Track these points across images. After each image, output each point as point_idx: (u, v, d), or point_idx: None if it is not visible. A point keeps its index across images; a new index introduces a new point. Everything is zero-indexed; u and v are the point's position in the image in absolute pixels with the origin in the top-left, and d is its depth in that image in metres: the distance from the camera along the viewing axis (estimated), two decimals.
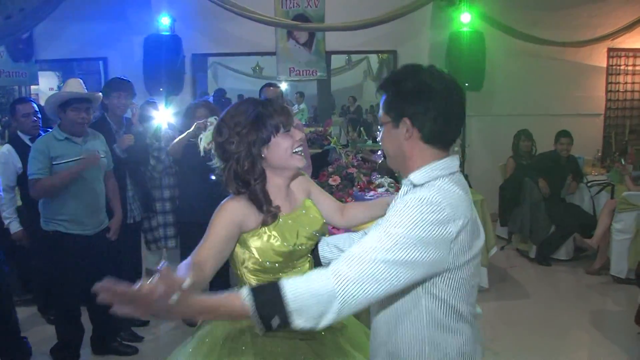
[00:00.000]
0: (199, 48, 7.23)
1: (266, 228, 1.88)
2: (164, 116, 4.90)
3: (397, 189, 3.23)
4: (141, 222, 4.43)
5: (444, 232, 1.44)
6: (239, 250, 1.91)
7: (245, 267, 1.91)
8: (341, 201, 3.97)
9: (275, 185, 1.95)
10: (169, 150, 4.46)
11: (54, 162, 3.58)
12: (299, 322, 1.39)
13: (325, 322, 1.39)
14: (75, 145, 3.68)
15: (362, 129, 8.05)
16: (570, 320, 4.68)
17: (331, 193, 4.36)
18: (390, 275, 1.40)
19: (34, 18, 4.84)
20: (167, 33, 6.68)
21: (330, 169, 4.12)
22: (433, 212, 1.44)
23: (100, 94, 3.99)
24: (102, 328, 4.04)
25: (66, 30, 6.92)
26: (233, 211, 1.89)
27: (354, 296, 1.38)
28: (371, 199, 3.01)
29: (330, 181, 4.12)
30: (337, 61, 8.56)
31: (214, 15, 6.88)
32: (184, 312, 1.40)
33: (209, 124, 4.19)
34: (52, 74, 8.73)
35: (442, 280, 1.53)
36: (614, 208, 5.54)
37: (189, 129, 4.36)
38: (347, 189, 3.99)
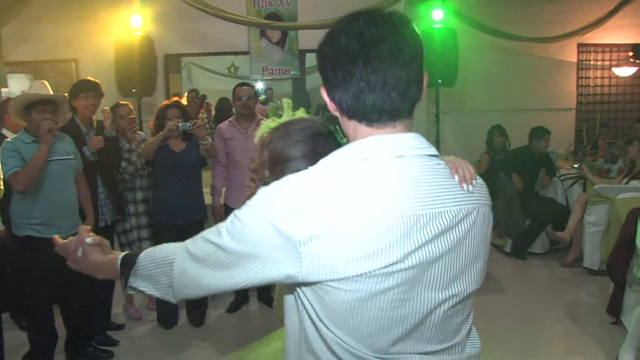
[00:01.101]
0: (171, 48, 7.17)
1: None
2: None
3: None
4: (113, 224, 4.38)
5: (283, 229, 1.11)
6: None
7: None
8: None
9: None
10: (140, 151, 4.42)
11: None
12: (146, 287, 1.36)
13: (176, 294, 1.30)
14: None
15: (337, 126, 8.04)
16: (546, 313, 4.73)
17: None
18: (220, 260, 1.20)
19: None
20: (139, 34, 6.61)
21: None
22: (278, 197, 1.15)
23: (66, 95, 3.94)
24: (77, 333, 3.99)
25: (36, 32, 6.82)
26: None
27: (188, 272, 1.25)
28: None
29: None
30: (312, 59, 8.53)
31: (185, 15, 6.82)
32: (87, 268, 1.50)
33: (180, 125, 4.22)
34: (24, 76, 8.59)
35: (312, 296, 1.19)
36: (586, 201, 5.61)
37: (161, 130, 4.32)
38: None
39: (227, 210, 4.65)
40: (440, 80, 6.57)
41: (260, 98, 7.84)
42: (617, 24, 7.54)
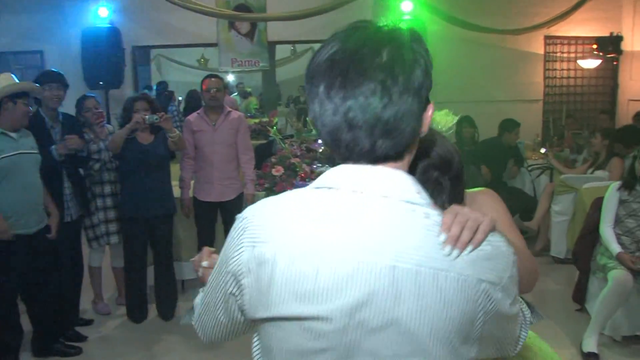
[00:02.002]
0: (139, 40, 7.10)
1: None
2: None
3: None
4: (79, 220, 4.30)
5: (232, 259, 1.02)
6: None
7: None
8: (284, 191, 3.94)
9: None
10: (108, 144, 4.36)
11: None
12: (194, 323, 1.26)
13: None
14: (11, 141, 3.53)
15: (307, 119, 8.05)
16: None
17: (274, 183, 4.37)
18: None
19: None
20: (106, 25, 6.52)
21: (273, 160, 4.11)
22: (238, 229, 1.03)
23: (38, 85, 3.87)
24: (44, 329, 3.93)
25: (0, 23, 6.68)
26: None
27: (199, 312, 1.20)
28: None
29: (274, 171, 4.12)
30: (282, 52, 8.53)
31: (153, 6, 6.76)
32: None
33: (147, 118, 4.17)
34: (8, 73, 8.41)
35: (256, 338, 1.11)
36: (553, 191, 5.70)
37: (128, 122, 4.27)
38: (290, 179, 4.00)
39: (196, 203, 4.62)
40: None
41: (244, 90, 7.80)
42: (582, 17, 7.67)
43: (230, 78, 9.42)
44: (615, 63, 7.99)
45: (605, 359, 3.76)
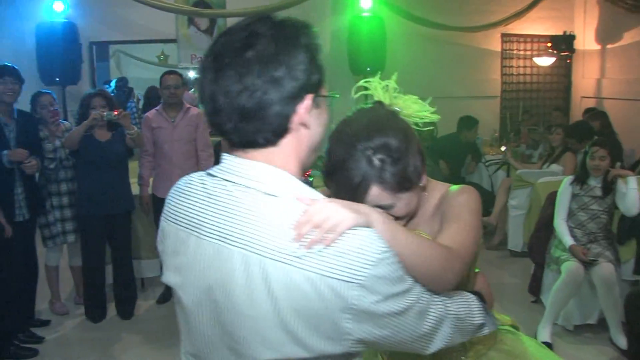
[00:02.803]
0: (96, 36, 6.97)
1: None
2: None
3: (305, 174, 3.23)
4: (32, 219, 4.18)
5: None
6: None
7: None
8: None
9: None
10: (64, 142, 4.28)
11: None
12: None
13: None
14: None
15: None
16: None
17: None
18: None
19: None
20: (61, 20, 6.38)
21: None
22: None
23: None
24: None
25: None
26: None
27: None
28: None
29: None
30: None
31: (111, 1, 6.65)
32: None
33: (105, 115, 4.11)
34: None
35: None
36: (510, 186, 5.81)
37: (85, 119, 4.20)
38: None
39: (155, 201, 4.57)
40: (368, 68, 6.67)
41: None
42: (536, 16, 7.83)
43: (192, 74, 9.33)
44: (568, 61, 8.18)
45: (558, 348, 3.86)
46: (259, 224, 1.01)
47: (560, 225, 4.04)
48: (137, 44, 7.76)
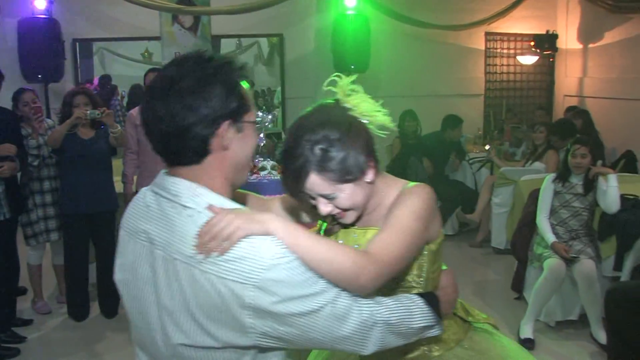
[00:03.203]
0: (80, 33, 6.92)
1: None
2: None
3: (280, 172, 3.24)
4: (13, 218, 4.13)
5: None
6: None
7: None
8: None
9: None
10: (47, 140, 4.26)
11: None
12: None
13: None
14: None
15: None
16: None
17: None
18: None
19: None
20: (43, 16, 6.33)
21: None
22: None
23: None
24: None
25: None
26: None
27: None
28: (254, 182, 3.02)
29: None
30: (227, 45, 8.44)
31: None
32: None
33: (89, 113, 4.08)
34: None
35: None
36: (493, 183, 5.85)
37: (68, 117, 4.18)
38: None
39: None
40: (352, 66, 6.68)
41: None
42: (520, 14, 7.88)
43: None
44: (551, 60, 8.24)
45: (540, 344, 3.91)
46: (174, 231, 1.22)
47: (543, 222, 4.08)
48: (120, 41, 7.70)
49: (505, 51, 8.33)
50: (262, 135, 3.57)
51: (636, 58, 6.63)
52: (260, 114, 3.06)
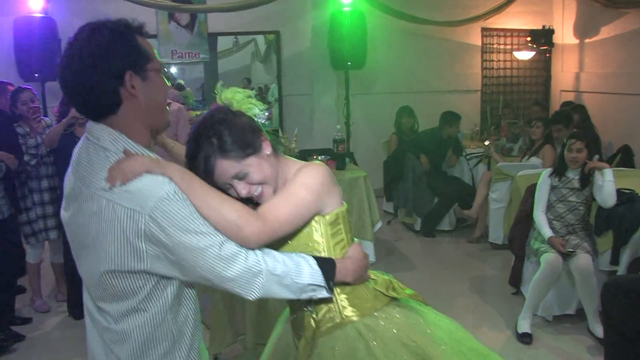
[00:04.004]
0: (76, 31, 6.90)
1: None
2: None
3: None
4: (12, 217, 4.14)
5: None
6: None
7: None
8: None
9: None
10: (44, 139, 4.26)
11: None
12: None
13: None
14: None
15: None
16: (454, 288, 4.93)
17: None
18: None
19: None
20: (40, 15, 6.32)
21: None
22: None
23: None
24: None
25: None
26: None
27: None
28: None
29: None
30: (224, 43, 8.43)
31: None
32: None
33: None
34: None
35: None
36: (490, 179, 5.86)
37: (65, 116, 4.18)
38: None
39: None
40: (349, 63, 6.69)
41: (177, 82, 7.67)
42: (516, 10, 7.87)
43: (173, 70, 9.30)
44: (547, 55, 8.25)
45: (538, 338, 3.92)
46: (94, 169, 1.42)
47: (539, 217, 4.09)
48: None
49: (501, 47, 8.33)
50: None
51: (632, 53, 6.64)
52: (257, 110, 3.06)
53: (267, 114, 3.55)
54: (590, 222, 4.18)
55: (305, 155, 5.44)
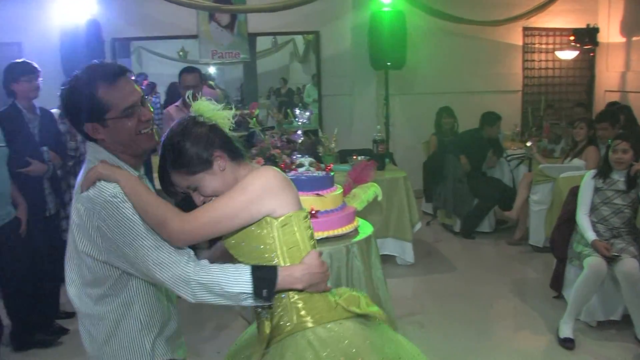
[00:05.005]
0: (119, 32, 7.04)
1: None
2: None
3: (318, 168, 3.26)
4: (57, 213, 4.25)
5: None
6: None
7: None
8: None
9: None
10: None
11: None
12: None
13: None
14: None
15: (288, 110, 8.02)
16: (494, 290, 4.87)
17: None
18: None
19: None
20: (85, 17, 6.45)
21: (253, 151, 4.13)
22: None
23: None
24: (21, 323, 3.92)
25: None
26: None
27: None
28: (292, 179, 3.03)
29: (254, 163, 4.11)
30: (263, 43, 8.49)
31: None
32: None
33: None
34: None
35: None
36: (531, 180, 5.77)
37: None
38: None
39: None
40: (389, 63, 6.65)
41: (208, 83, 7.75)
42: (559, 9, 7.74)
43: (212, 70, 9.40)
44: (591, 54, 8.08)
45: (581, 344, 3.83)
46: (80, 178, 1.73)
47: (583, 219, 4.00)
48: (159, 40, 7.80)
49: (543, 46, 8.20)
50: (299, 132, 3.59)
51: None
52: (297, 111, 3.11)
53: (307, 113, 3.58)
54: (637, 225, 4.08)
55: (344, 156, 5.44)
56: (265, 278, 1.67)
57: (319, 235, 2.95)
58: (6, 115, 3.89)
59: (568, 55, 7.99)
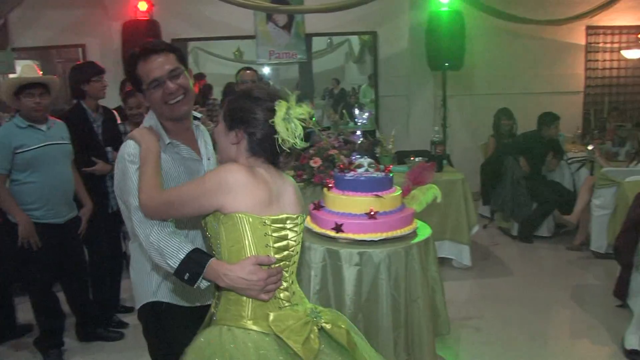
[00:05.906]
0: (177, 33, 7.18)
1: None
2: None
3: (377, 169, 3.24)
4: (119, 210, 4.36)
5: None
6: None
7: None
8: (322, 183, 3.99)
9: None
10: None
11: (16, 152, 3.51)
12: None
13: None
14: (38, 132, 3.60)
15: (344, 111, 8.03)
16: (552, 296, 4.75)
17: (312, 175, 4.39)
18: None
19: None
20: (146, 18, 6.62)
21: (311, 151, 4.14)
22: None
23: (56, 77, 3.93)
24: (84, 316, 4.05)
25: (43, 17, 6.85)
26: None
27: None
28: (351, 179, 3.02)
29: (312, 163, 4.13)
30: (318, 44, 8.51)
31: None
32: None
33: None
34: (31, 62, 8.59)
35: None
36: (593, 184, 5.60)
37: None
38: (328, 170, 4.02)
39: None
40: (447, 64, 6.57)
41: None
42: (626, 5, 7.49)
43: (266, 70, 9.50)
44: None
45: None
46: None
47: None
48: (216, 40, 7.92)
49: (607, 45, 7.95)
50: (359, 132, 3.59)
51: None
52: (356, 111, 3.11)
53: (367, 114, 3.57)
54: None
55: (401, 157, 5.40)
56: (195, 262, 1.82)
57: (377, 236, 2.94)
58: (73, 115, 4.01)
59: (635, 54, 7.72)
